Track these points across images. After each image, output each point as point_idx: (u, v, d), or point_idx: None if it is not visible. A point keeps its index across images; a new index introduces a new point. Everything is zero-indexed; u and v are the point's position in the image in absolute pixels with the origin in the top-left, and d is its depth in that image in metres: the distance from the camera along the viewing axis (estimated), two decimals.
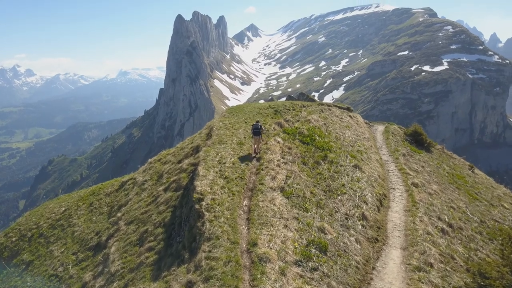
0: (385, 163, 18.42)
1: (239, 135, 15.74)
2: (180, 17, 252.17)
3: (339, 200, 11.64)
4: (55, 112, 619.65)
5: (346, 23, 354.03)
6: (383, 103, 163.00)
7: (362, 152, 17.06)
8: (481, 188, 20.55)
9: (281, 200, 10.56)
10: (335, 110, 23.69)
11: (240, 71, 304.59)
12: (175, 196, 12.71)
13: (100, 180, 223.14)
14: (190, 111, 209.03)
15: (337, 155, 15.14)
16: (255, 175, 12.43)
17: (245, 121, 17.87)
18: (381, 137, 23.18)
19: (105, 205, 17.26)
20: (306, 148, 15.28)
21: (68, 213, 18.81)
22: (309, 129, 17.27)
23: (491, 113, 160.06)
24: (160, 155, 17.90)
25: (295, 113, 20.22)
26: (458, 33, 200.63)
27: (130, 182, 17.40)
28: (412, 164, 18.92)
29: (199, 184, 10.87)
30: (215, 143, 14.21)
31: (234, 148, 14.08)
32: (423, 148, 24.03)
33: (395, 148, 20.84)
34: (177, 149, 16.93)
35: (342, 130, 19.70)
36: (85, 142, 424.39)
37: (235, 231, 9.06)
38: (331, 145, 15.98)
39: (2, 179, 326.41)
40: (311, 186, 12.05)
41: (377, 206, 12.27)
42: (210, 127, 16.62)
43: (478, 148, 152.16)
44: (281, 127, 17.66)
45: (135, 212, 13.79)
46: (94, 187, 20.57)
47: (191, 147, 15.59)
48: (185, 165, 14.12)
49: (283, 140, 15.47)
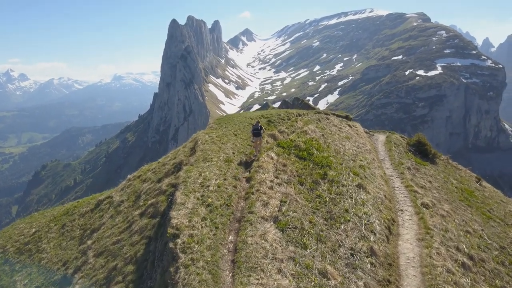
0: (390, 178, 16.75)
1: (227, 151, 13.93)
2: (174, 21, 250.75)
3: (343, 230, 9.90)
4: (49, 116, 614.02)
5: (341, 28, 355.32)
6: (378, 107, 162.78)
7: (364, 167, 15.35)
8: (492, 204, 18.98)
9: (274, 234, 8.80)
10: (333, 119, 22.01)
11: (235, 76, 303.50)
12: (150, 224, 10.90)
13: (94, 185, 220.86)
14: (185, 116, 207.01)
15: (338, 172, 13.42)
16: (244, 200, 10.65)
17: (235, 133, 16.07)
18: (383, 148, 21.54)
19: (77, 228, 15.36)
20: (303, 164, 13.55)
21: (38, 235, 16.88)
22: (306, 142, 15.56)
23: (485, 118, 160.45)
24: (141, 171, 16.07)
25: (291, 123, 18.50)
26: (451, 37, 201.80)
27: (107, 202, 15.54)
28: (419, 179, 17.27)
29: (176, 216, 9.07)
30: (199, 161, 12.41)
31: (220, 166, 12.27)
32: (427, 159, 22.43)
33: (399, 160, 19.20)
34: (158, 165, 15.12)
35: (342, 141, 18.01)
36: (79, 147, 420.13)
37: (216, 279, 7.28)
38: (330, 161, 14.27)
39: None
40: (309, 213, 10.31)
41: (386, 235, 10.54)
42: (195, 140, 14.80)
43: (472, 153, 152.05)
44: (275, 139, 15.90)
45: (106, 241, 11.94)
46: (70, 205, 18.66)
47: (173, 164, 13.78)
48: (164, 185, 12.32)
49: (277, 155, 13.71)
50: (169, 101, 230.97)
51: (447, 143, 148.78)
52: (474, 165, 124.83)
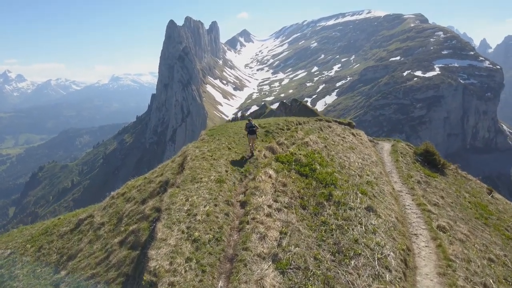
0: (399, 194, 15.31)
1: (219, 168, 12.26)
2: (172, 22, 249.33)
3: (354, 268, 8.43)
4: (47, 117, 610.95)
5: (338, 29, 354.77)
6: (376, 108, 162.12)
7: (372, 183, 13.89)
8: (508, 219, 17.58)
9: (273, 279, 7.32)
10: (335, 127, 20.52)
11: (233, 77, 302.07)
12: (129, 258, 9.38)
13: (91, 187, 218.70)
14: (183, 117, 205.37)
15: (344, 192, 11.95)
16: (238, 231, 9.15)
17: (229, 146, 14.52)
18: (389, 158, 20.10)
19: (54, 252, 13.83)
20: (305, 182, 12.08)
21: (13, 258, 15.30)
22: (308, 155, 14.09)
23: (483, 118, 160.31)
24: (126, 187, 14.52)
25: (290, 133, 17.01)
26: (449, 38, 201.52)
27: (87, 222, 14.02)
28: (430, 195, 15.84)
29: (155, 256, 7.58)
30: (187, 181, 10.89)
31: (211, 188, 10.65)
32: (436, 170, 21.04)
33: (407, 173, 17.77)
34: (144, 182, 13.58)
35: (346, 153, 16.54)
36: (77, 148, 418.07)
37: None
38: (335, 177, 12.80)
39: None
40: (314, 246, 8.83)
41: (402, 271, 9.08)
42: (184, 155, 13.27)
43: (470, 153, 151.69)
44: (273, 153, 14.41)
45: (81, 274, 10.44)
46: (50, 222, 17.12)
47: (159, 182, 12.24)
48: (148, 209, 10.81)
49: (276, 172, 12.24)
50: (166, 102, 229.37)
51: (445, 144, 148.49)
52: (472, 166, 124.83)
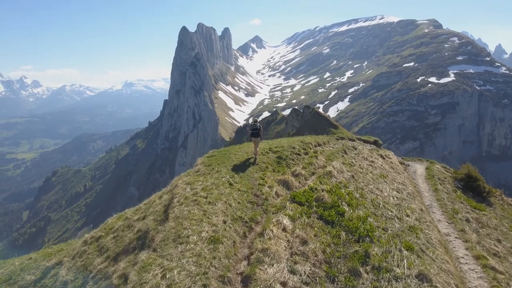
0: (447, 239, 12.03)
1: (215, 218, 8.73)
2: (184, 29, 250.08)
3: None
4: (61, 123, 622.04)
5: (351, 35, 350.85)
6: (389, 115, 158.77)
7: (416, 229, 10.66)
8: None
9: None
10: (361, 148, 17.30)
11: (245, 83, 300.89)
12: None
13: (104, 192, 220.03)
14: (194, 123, 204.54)
15: (384, 249, 8.77)
16: None
17: (230, 181, 10.92)
18: (425, 185, 16.78)
19: None
20: (332, 234, 8.97)
21: None
22: (332, 191, 10.99)
23: (499, 125, 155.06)
24: (104, 228, 11.60)
25: (309, 159, 13.85)
26: (464, 44, 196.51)
27: (53, 274, 11.20)
28: (485, 239, 12.51)
29: None
30: (168, 241, 7.69)
31: (200, 255, 7.22)
32: (481, 198, 17.64)
33: (452, 207, 14.44)
34: (124, 225, 10.68)
35: (378, 183, 13.35)
36: (90, 153, 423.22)
37: None
38: (370, 225, 9.64)
39: (6, 190, 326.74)
40: None
41: None
42: (172, 193, 10.21)
43: (486, 161, 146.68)
44: (288, 188, 11.27)
45: None
46: (16, 267, 14.37)
47: (138, 231, 9.23)
48: (116, 277, 7.83)
49: (292, 220, 9.14)
50: (178, 108, 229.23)
51: (460, 151, 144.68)
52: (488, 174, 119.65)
